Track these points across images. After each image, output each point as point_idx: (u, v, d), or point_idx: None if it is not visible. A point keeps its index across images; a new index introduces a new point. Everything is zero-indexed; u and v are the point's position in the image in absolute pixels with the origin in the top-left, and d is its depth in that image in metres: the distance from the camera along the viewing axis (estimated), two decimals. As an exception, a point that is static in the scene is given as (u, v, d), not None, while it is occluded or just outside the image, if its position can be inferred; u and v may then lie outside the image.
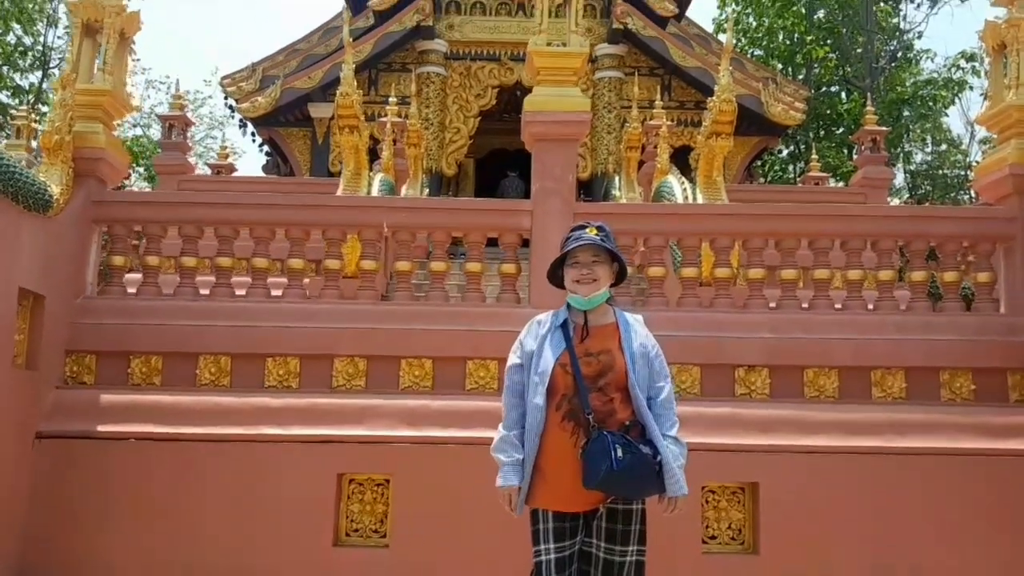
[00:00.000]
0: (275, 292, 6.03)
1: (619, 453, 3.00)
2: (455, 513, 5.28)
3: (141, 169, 24.92)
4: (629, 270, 6.25)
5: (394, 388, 5.78)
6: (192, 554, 5.27)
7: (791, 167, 28.05)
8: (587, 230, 3.32)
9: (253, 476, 5.35)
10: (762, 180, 23.51)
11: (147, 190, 20.24)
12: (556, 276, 3.44)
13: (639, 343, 3.29)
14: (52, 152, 5.47)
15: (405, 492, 5.42)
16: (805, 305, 6.24)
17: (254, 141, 18.24)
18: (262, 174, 20.28)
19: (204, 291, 6.06)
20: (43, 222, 5.38)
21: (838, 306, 6.21)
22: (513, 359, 3.39)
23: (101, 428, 5.40)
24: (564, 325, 3.32)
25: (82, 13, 5.79)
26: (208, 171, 15.65)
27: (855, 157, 14.62)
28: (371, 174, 9.70)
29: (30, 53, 22.13)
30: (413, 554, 5.31)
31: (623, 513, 3.18)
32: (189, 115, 13.34)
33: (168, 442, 5.40)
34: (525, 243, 6.17)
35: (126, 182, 25.58)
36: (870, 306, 6.20)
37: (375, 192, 9.29)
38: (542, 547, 3.16)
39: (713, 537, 5.61)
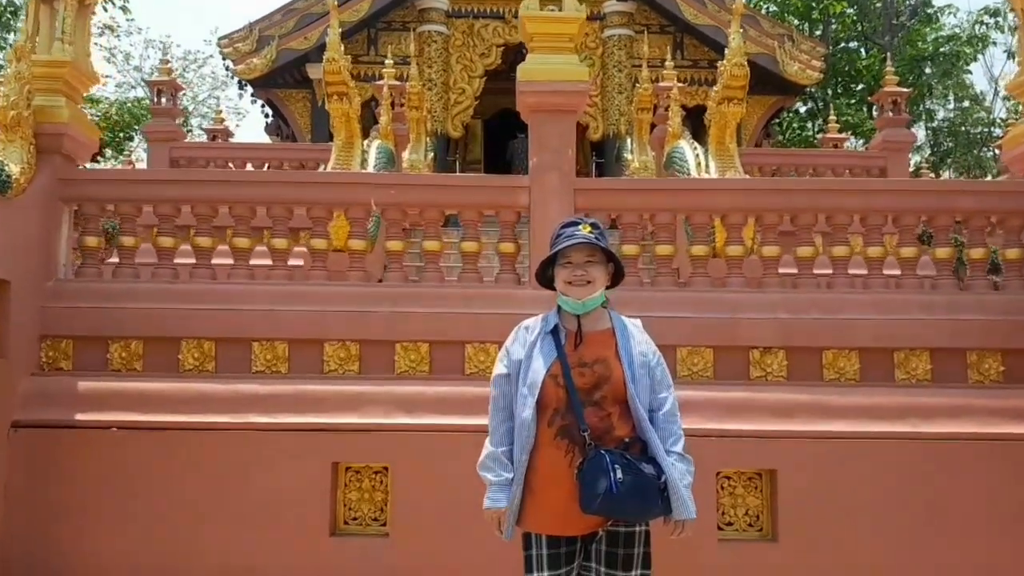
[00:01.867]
0: (257, 261, 5.70)
1: (619, 474, 2.70)
2: (457, 501, 4.97)
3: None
4: (637, 248, 5.99)
5: (389, 373, 5.49)
6: (180, 549, 5.03)
7: (809, 124, 27.42)
8: (580, 227, 2.99)
9: (242, 466, 5.08)
10: (780, 138, 22.91)
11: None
12: (545, 276, 3.10)
13: (638, 351, 2.96)
14: (9, 129, 5.10)
15: (404, 480, 5.16)
16: (828, 271, 5.90)
17: (254, 103, 17.81)
18: (264, 136, 19.86)
19: (184, 260, 5.73)
20: (2, 203, 5.06)
21: (860, 271, 5.84)
22: (499, 368, 3.08)
23: (80, 417, 5.13)
24: (555, 331, 3.00)
25: (34, -21, 5.37)
26: (213, 136, 15.15)
27: (875, 117, 14.09)
28: (368, 141, 9.30)
29: (20, 13, 21.61)
30: (414, 543, 5.06)
31: (625, 536, 2.88)
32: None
33: (151, 431, 5.12)
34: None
35: (129, 144, 25.24)
36: (896, 271, 5.86)
37: (371, 160, 8.90)
38: (535, 575, 2.86)
39: (729, 524, 5.37)
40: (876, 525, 5.14)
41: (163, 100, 11.90)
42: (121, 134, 24.64)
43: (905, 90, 12.89)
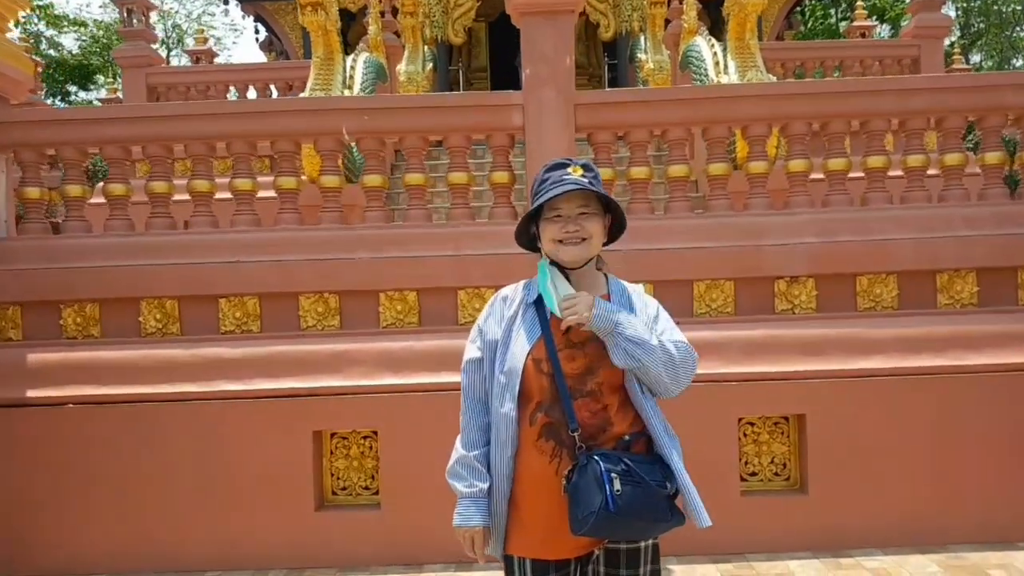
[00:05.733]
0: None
1: (616, 485, 2.11)
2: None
3: None
4: (647, 170, 5.32)
5: (374, 327, 4.96)
6: (150, 534, 4.64)
7: (832, 11, 25.91)
8: (569, 170, 2.31)
9: (215, 440, 4.64)
10: (803, 29, 21.59)
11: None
12: (527, 234, 2.46)
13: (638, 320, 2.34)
14: (-75, 67, 4.48)
15: (395, 446, 4.69)
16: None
17: (244, 18, 16.81)
18: (260, 54, 18.91)
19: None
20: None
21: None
22: (471, 351, 2.45)
23: (32, 393, 4.66)
24: (539, 302, 2.38)
25: None
26: (196, 58, 14.26)
27: (908, 2, 12.93)
28: (354, 55, 8.53)
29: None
30: (408, 512, 4.63)
31: (628, 554, 2.32)
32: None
33: (112, 406, 4.65)
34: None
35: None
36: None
37: (358, 76, 8.15)
38: None
39: (753, 474, 4.91)
40: (917, 472, 4.69)
41: (134, 21, 11.04)
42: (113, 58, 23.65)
43: (943, -31, 11.73)
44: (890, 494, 4.66)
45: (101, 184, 5.52)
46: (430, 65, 12.57)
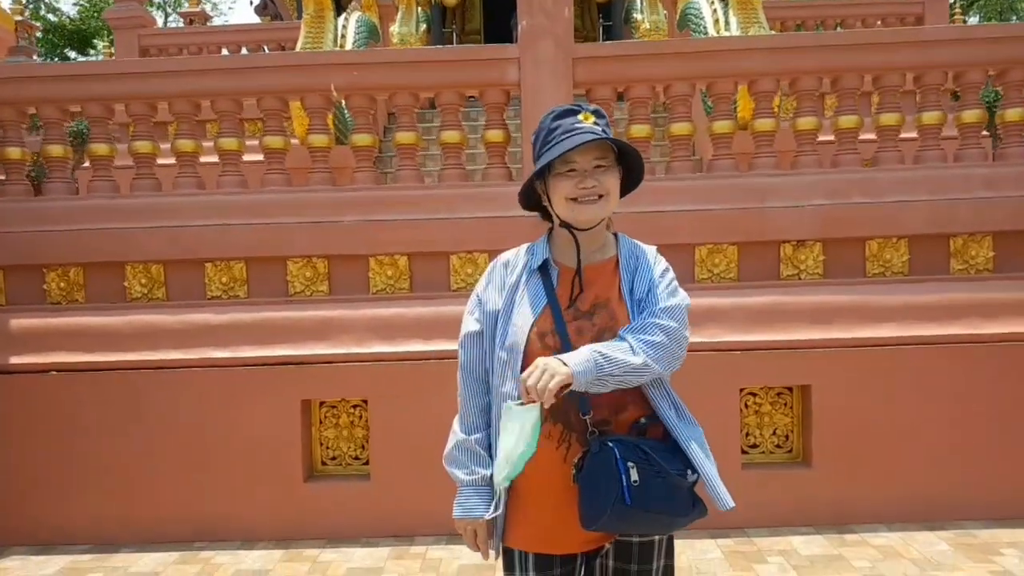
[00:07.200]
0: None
1: (633, 475, 1.88)
2: (445, 436, 4.39)
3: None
4: (649, 128, 5.09)
5: (364, 292, 4.79)
6: (139, 504, 4.53)
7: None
8: (580, 116, 2.02)
9: (201, 409, 4.50)
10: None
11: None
12: (530, 192, 2.16)
13: (645, 288, 2.14)
14: None
15: (385, 415, 4.54)
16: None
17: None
18: (256, 18, 18.52)
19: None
20: None
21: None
22: (468, 324, 2.19)
23: (15, 360, 4.52)
24: (544, 268, 2.13)
25: None
26: (190, 20, 13.92)
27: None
28: (346, 14, 8.26)
29: None
30: (398, 484, 4.51)
31: (640, 547, 2.10)
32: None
33: (96, 373, 4.51)
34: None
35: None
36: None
37: (350, 35, 7.90)
38: None
39: (754, 446, 4.75)
40: (927, 446, 4.53)
41: (123, -19, 10.75)
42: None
43: (950, -77, 11.37)
44: (898, 468, 4.51)
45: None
46: (423, 26, 12.24)
